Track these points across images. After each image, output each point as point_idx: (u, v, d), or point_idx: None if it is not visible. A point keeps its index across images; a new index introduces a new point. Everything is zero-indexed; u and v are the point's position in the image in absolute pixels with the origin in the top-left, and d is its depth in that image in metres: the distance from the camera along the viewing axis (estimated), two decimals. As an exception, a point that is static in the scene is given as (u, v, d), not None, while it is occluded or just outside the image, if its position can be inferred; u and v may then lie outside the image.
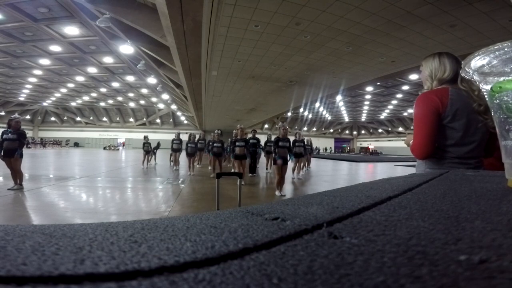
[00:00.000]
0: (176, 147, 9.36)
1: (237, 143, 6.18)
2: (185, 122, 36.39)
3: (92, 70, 18.01)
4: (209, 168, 8.90)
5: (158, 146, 11.55)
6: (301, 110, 23.77)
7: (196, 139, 9.20)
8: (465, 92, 1.21)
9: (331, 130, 41.88)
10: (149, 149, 10.19)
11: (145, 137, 10.62)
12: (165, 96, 23.97)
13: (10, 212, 3.45)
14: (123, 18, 8.04)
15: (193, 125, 32.84)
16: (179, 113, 33.83)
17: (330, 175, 9.76)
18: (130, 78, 20.16)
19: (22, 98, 28.82)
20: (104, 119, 36.65)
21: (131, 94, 26.81)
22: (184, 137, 9.24)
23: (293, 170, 8.13)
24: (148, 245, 0.20)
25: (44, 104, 33.07)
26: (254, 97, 14.95)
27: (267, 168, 9.76)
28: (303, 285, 0.14)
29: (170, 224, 0.26)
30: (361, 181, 1.11)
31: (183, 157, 9.18)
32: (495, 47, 0.38)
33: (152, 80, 17.96)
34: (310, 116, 31.45)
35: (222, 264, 0.16)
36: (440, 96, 1.21)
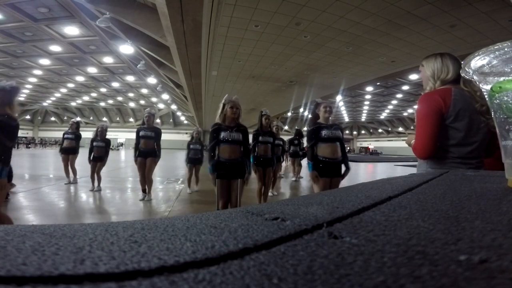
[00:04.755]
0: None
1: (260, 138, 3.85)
2: (185, 122, 36.42)
3: (92, 70, 18.01)
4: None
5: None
6: (301, 110, 23.76)
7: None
8: (468, 92, 1.21)
9: (331, 130, 41.81)
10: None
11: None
12: (165, 96, 23.97)
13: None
14: (123, 18, 8.04)
15: (193, 125, 32.86)
16: (179, 113, 33.85)
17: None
18: (130, 78, 20.16)
19: (22, 98, 28.81)
20: (104, 119, 36.65)
21: (131, 94, 26.81)
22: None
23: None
24: (148, 245, 0.20)
25: (44, 104, 33.08)
26: (254, 97, 14.96)
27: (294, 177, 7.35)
28: (303, 285, 0.14)
29: (170, 224, 0.26)
30: (361, 181, 1.11)
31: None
32: (495, 47, 0.38)
33: (152, 80, 17.97)
34: (310, 116, 31.38)
35: (222, 264, 0.16)
36: (443, 96, 1.21)
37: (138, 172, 4.37)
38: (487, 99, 0.45)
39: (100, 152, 5.12)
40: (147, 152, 4.28)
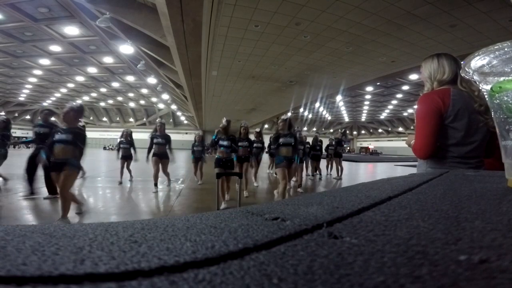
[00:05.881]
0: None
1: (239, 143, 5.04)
2: (185, 122, 36.44)
3: (92, 70, 18.02)
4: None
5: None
6: (301, 110, 23.79)
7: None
8: (466, 92, 1.22)
9: (331, 130, 41.95)
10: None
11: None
12: (165, 96, 23.98)
13: (11, 212, 3.45)
14: (123, 18, 8.04)
15: (193, 125, 32.89)
16: (179, 113, 33.85)
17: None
18: (130, 78, 20.17)
19: (22, 98, 28.82)
20: (104, 119, 36.66)
21: (131, 94, 26.82)
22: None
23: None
24: (148, 245, 0.20)
25: (44, 104, 33.06)
26: (254, 97, 14.96)
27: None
28: (303, 285, 0.14)
29: (170, 224, 0.26)
30: (361, 181, 1.11)
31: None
32: (495, 47, 0.38)
33: (152, 80, 17.97)
34: (310, 116, 31.43)
35: (222, 264, 0.16)
36: (442, 97, 1.21)
37: (153, 168, 5.22)
38: (487, 99, 0.45)
39: (126, 151, 6.24)
40: (161, 154, 5.27)
